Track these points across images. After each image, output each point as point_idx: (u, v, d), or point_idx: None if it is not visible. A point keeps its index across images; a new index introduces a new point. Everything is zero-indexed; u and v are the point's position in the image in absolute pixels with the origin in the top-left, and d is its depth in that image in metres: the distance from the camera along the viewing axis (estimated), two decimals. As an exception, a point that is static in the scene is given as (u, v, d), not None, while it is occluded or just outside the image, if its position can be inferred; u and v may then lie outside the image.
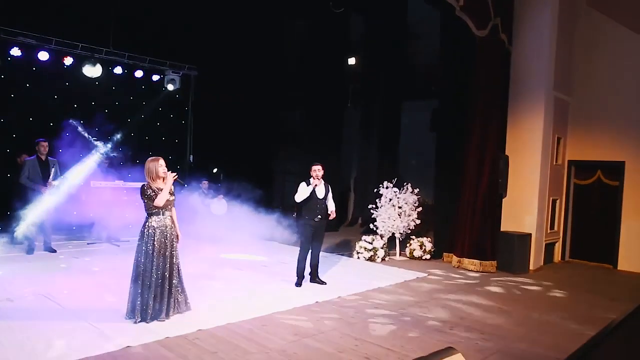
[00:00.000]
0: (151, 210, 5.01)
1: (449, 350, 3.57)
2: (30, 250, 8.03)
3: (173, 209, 5.23)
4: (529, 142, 9.00)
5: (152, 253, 4.95)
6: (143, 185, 5.03)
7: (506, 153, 9.03)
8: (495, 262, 8.59)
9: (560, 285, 7.77)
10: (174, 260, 5.13)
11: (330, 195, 6.94)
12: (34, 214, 8.00)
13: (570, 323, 5.75)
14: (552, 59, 8.94)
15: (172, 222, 5.16)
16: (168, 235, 5.07)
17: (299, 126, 12.50)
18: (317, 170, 6.76)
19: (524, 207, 8.97)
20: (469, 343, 4.85)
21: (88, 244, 9.03)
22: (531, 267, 8.78)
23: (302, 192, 6.70)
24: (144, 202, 5.02)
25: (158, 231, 4.99)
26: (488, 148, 8.72)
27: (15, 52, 9.38)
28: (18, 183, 8.05)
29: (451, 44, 9.65)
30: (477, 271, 8.44)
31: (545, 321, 5.78)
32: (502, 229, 8.97)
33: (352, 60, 12.98)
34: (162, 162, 5.16)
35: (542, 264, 9.19)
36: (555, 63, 8.97)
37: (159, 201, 4.96)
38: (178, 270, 5.20)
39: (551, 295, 7.17)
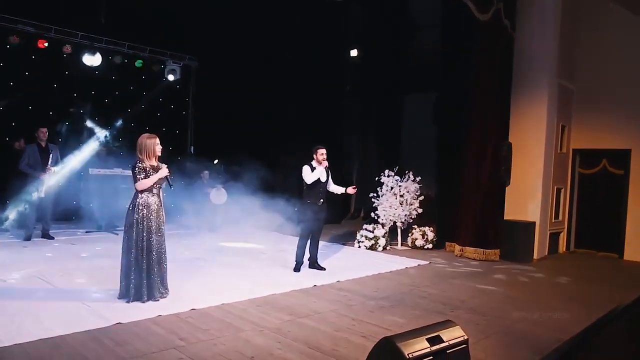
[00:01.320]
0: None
1: (447, 323, 3.45)
2: (28, 237, 7.95)
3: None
4: (532, 130, 8.85)
5: (146, 231, 4.84)
6: (135, 164, 4.87)
7: (509, 140, 8.88)
8: (499, 250, 8.45)
9: (565, 273, 7.61)
10: (163, 236, 5.01)
11: (330, 179, 6.83)
12: (32, 201, 7.93)
13: (573, 307, 5.60)
14: (556, 45, 8.78)
15: (160, 199, 5.03)
16: (160, 213, 4.97)
17: (299, 117, 12.39)
18: (324, 153, 6.64)
19: (528, 196, 8.81)
20: (470, 323, 4.72)
21: (86, 232, 8.96)
22: (535, 257, 8.62)
23: (312, 175, 6.58)
24: (133, 177, 4.88)
25: (151, 209, 4.88)
26: (490, 135, 8.57)
27: (14, 40, 9.33)
28: (17, 170, 7.98)
29: (452, 32, 9.49)
30: (480, 260, 8.30)
31: (548, 305, 5.64)
32: (505, 218, 8.82)
33: (354, 52, 12.87)
34: (158, 140, 5.04)
35: (546, 253, 9.02)
36: (559, 49, 8.82)
37: (141, 186, 4.81)
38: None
39: (555, 282, 7.02)
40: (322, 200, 6.65)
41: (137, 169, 4.85)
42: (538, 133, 8.81)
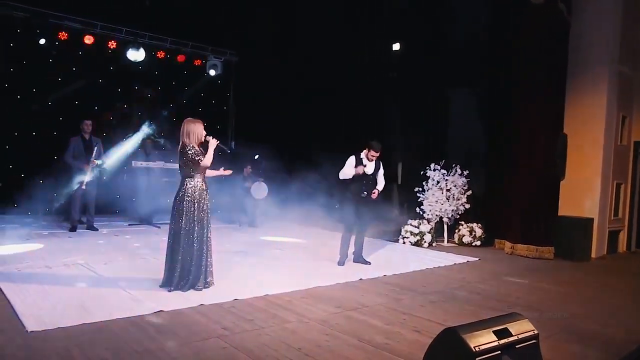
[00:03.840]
0: (192, 172, 4.77)
1: (514, 315, 3.13)
2: (73, 228, 8.04)
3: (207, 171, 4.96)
4: (590, 121, 8.31)
5: (192, 220, 4.72)
6: (185, 146, 4.75)
7: (564, 132, 8.37)
8: (553, 248, 7.95)
9: (626, 273, 7.08)
10: (210, 226, 4.89)
11: (381, 172, 6.54)
12: (77, 193, 8.01)
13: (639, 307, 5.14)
14: (616, 30, 8.22)
15: (207, 186, 4.91)
16: (205, 200, 4.84)
17: (341, 112, 12.16)
18: (375, 155, 6.35)
19: (585, 191, 8.28)
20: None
21: (129, 225, 9.00)
22: (593, 255, 8.08)
23: (347, 171, 6.35)
24: (185, 162, 4.77)
25: (198, 195, 4.76)
26: (543, 127, 8.10)
27: (63, 36, 9.50)
28: (63, 162, 8.09)
29: (501, 20, 9.04)
30: (532, 257, 7.82)
31: (611, 305, 5.18)
32: (559, 214, 8.31)
33: (396, 46, 12.54)
34: (202, 125, 4.94)
35: (605, 252, 8.45)
36: (620, 34, 8.24)
37: (207, 161, 4.73)
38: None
39: (616, 282, 6.49)
40: (365, 192, 6.39)
41: (192, 150, 4.72)
42: (596, 124, 8.26)
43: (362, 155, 6.41)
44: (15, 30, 9.16)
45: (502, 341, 2.69)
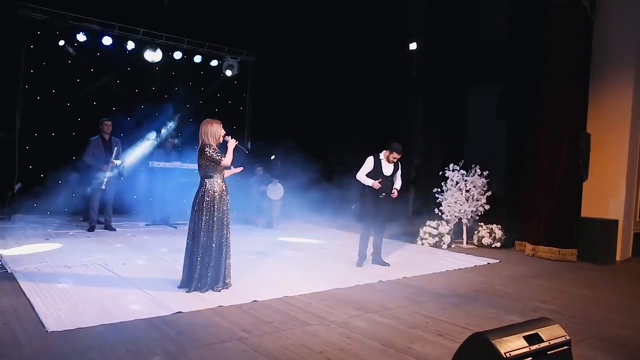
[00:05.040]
0: (210, 172, 4.74)
1: (544, 320, 3.01)
2: (91, 228, 8.08)
3: (224, 171, 4.94)
4: (614, 121, 8.09)
5: (212, 220, 4.68)
6: (204, 145, 4.73)
7: (587, 131, 8.17)
8: (576, 250, 7.76)
9: (655, 276, 6.87)
10: (229, 227, 4.84)
11: (399, 173, 6.45)
12: (95, 193, 8.04)
13: (675, 312, 4.96)
14: (642, 26, 8.00)
15: (226, 186, 4.87)
16: (224, 201, 4.80)
17: (358, 112, 12.07)
18: (397, 158, 6.26)
19: (609, 192, 8.06)
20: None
21: (146, 225, 9.01)
22: (618, 258, 7.86)
23: (365, 180, 6.26)
24: (204, 162, 4.74)
25: (216, 195, 4.72)
26: (566, 127, 7.92)
27: (81, 37, 9.57)
28: (83, 162, 8.12)
29: (522, 17, 8.88)
30: (555, 259, 7.64)
31: (644, 309, 5.02)
32: (582, 215, 8.11)
33: (413, 45, 12.40)
34: (221, 125, 4.93)
35: (630, 255, 8.22)
36: (646, 31, 8.02)
37: (227, 160, 4.69)
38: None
39: (646, 286, 6.32)
40: (383, 193, 6.29)
41: (211, 149, 4.70)
42: (621, 123, 8.04)
43: (382, 156, 6.32)
44: (35, 32, 9.26)
45: (533, 347, 2.59)
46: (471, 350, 2.58)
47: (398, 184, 6.45)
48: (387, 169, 6.31)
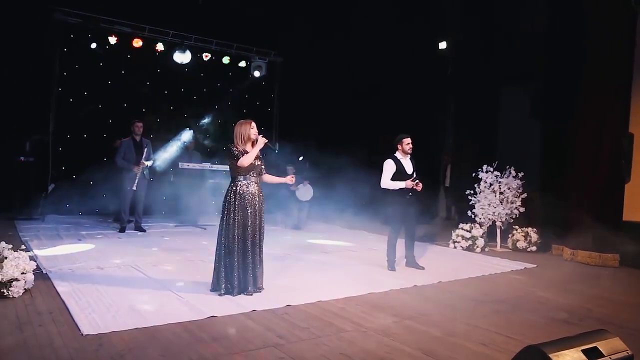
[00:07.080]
0: (237, 173, 4.68)
1: (602, 333, 2.81)
2: (122, 229, 8.12)
3: (265, 174, 4.89)
4: (658, 120, 7.74)
5: (238, 222, 4.60)
6: (230, 146, 4.71)
7: (630, 131, 7.83)
8: (618, 255, 7.44)
9: None
10: (263, 230, 4.76)
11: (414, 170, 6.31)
12: (126, 194, 8.09)
13: None
14: (688, 21, 7.62)
15: (260, 189, 4.80)
16: (257, 202, 4.71)
17: (387, 113, 11.89)
18: (410, 142, 6.19)
19: (653, 194, 7.71)
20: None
21: (176, 226, 9.03)
22: (663, 264, 7.51)
23: (389, 175, 6.11)
24: (230, 163, 4.72)
25: (246, 197, 4.64)
26: (607, 126, 7.60)
27: (112, 40, 9.67)
28: (115, 164, 8.17)
29: (559, 11, 8.58)
30: (595, 265, 7.34)
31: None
32: (624, 219, 7.77)
33: (443, 45, 12.14)
34: (254, 124, 4.86)
35: (675, 261, 7.85)
36: (693, 25, 7.64)
37: (244, 161, 4.61)
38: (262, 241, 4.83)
39: (696, 293, 5.98)
40: (410, 193, 6.14)
41: (234, 150, 4.67)
42: (666, 123, 7.68)
43: (398, 155, 6.18)
44: (69, 35, 9.39)
45: (593, 362, 2.42)
46: (526, 364, 2.42)
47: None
48: (408, 166, 6.20)
